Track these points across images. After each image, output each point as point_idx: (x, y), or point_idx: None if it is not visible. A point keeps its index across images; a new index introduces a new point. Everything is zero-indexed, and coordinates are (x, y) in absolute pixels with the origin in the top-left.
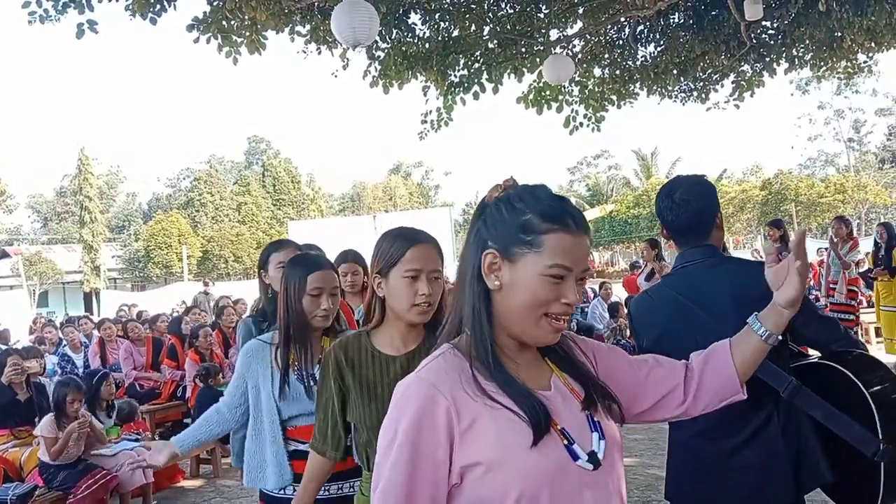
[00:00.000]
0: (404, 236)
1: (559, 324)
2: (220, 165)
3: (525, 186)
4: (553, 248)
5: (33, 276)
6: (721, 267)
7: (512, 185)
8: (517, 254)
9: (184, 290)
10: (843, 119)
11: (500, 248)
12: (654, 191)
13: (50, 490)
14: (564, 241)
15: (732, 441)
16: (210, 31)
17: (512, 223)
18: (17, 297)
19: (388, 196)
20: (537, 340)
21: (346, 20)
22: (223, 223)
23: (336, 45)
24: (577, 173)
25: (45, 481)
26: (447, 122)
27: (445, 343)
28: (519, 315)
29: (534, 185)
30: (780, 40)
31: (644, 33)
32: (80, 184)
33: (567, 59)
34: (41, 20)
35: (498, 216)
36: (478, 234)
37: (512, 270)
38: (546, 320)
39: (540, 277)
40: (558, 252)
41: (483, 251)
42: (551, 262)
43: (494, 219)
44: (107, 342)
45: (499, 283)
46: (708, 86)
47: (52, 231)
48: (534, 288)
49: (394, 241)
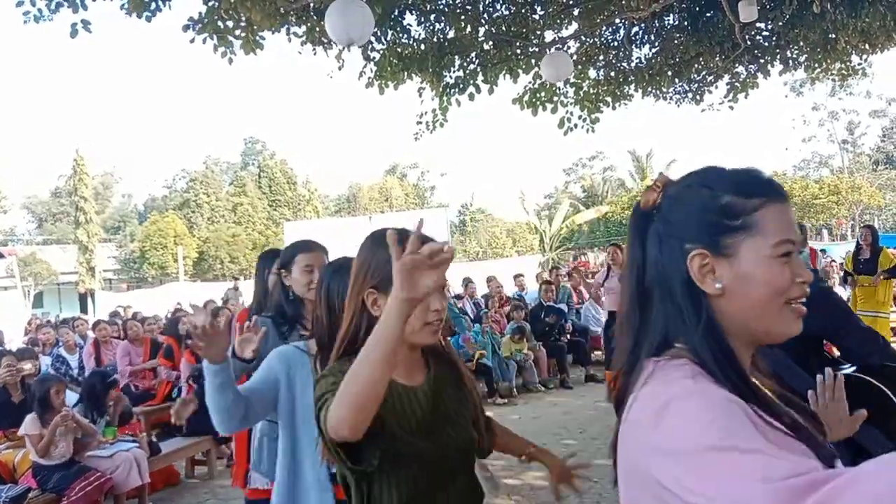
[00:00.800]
0: None
1: (800, 308)
2: (216, 166)
3: (693, 172)
4: (770, 223)
5: (28, 276)
6: None
7: (666, 181)
8: (730, 245)
9: (179, 291)
10: (838, 120)
11: (705, 245)
12: None
13: (44, 492)
14: (778, 211)
15: None
16: (206, 32)
17: (708, 212)
18: (11, 298)
19: (384, 197)
20: (785, 334)
21: (340, 19)
22: (219, 224)
23: (332, 45)
24: (572, 174)
25: (39, 483)
26: (442, 124)
27: (670, 364)
28: (759, 313)
29: (703, 168)
30: (775, 42)
31: (639, 35)
32: (75, 184)
33: (566, 57)
34: (35, 19)
35: (683, 210)
36: (661, 239)
37: (731, 266)
38: (787, 308)
39: (769, 261)
40: (777, 226)
41: (686, 255)
42: (776, 239)
43: (680, 214)
44: (101, 343)
45: (720, 286)
46: (702, 87)
47: (48, 232)
48: (767, 276)
49: None
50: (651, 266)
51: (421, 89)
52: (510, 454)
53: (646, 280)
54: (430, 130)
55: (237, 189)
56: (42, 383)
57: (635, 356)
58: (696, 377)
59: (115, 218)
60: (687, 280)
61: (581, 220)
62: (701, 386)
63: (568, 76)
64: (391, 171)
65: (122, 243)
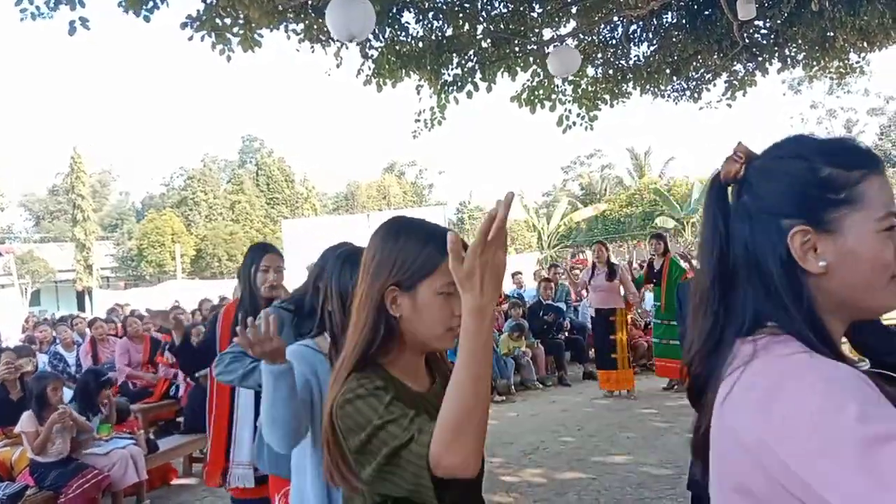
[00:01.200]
0: (436, 236)
1: None
2: (214, 164)
3: (782, 142)
4: (875, 195)
5: (25, 274)
6: None
7: (748, 152)
8: (834, 220)
9: (177, 288)
10: (836, 119)
11: (807, 221)
12: (646, 190)
13: (41, 489)
14: (880, 183)
15: None
16: (204, 29)
17: (808, 186)
18: (8, 296)
19: (382, 195)
20: (888, 308)
21: (341, 13)
22: (217, 222)
23: (329, 42)
24: (570, 172)
25: (36, 481)
26: (441, 122)
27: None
28: (864, 289)
29: (792, 137)
30: (773, 40)
31: (637, 33)
32: (72, 182)
33: (573, 51)
34: (32, 17)
35: (777, 184)
36: (750, 214)
37: (835, 242)
38: (893, 283)
39: (875, 236)
40: (883, 198)
41: (784, 232)
42: (881, 212)
43: (773, 188)
44: (99, 341)
45: (824, 264)
46: (700, 85)
47: (45, 230)
48: (875, 251)
49: (423, 243)
50: (737, 243)
51: (419, 87)
52: None
53: (730, 258)
54: (428, 128)
55: (235, 187)
56: (39, 381)
57: (718, 338)
58: (810, 352)
59: (112, 216)
60: (785, 258)
61: (579, 217)
62: (818, 361)
63: (575, 70)
64: (389, 169)
65: (119, 241)
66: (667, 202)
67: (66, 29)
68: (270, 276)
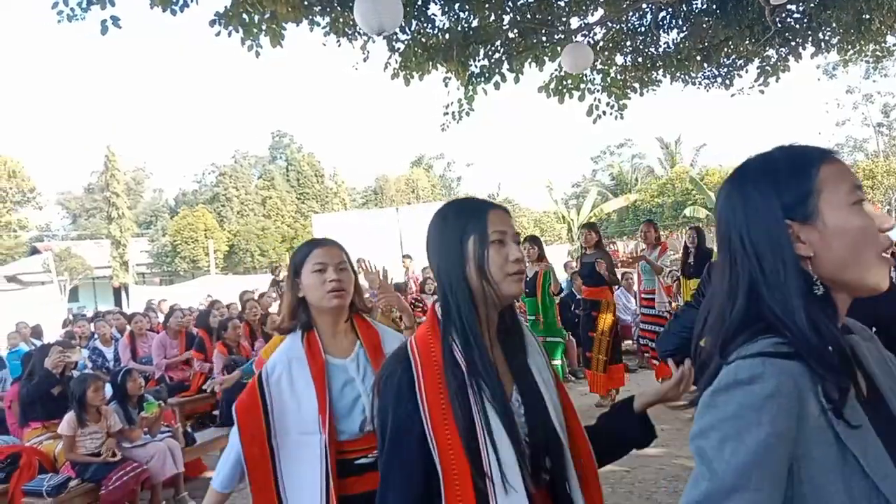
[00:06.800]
0: None
1: (890, 258)
2: (245, 160)
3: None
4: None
5: (63, 271)
6: None
7: None
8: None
9: (211, 284)
10: (872, 103)
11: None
12: (678, 179)
13: (83, 482)
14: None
15: None
16: (231, 25)
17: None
18: (48, 293)
19: (411, 188)
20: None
21: (370, 6)
22: (248, 217)
23: (356, 36)
24: (599, 162)
25: (77, 473)
26: (468, 113)
27: None
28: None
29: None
30: (806, 24)
31: (666, 19)
32: (107, 180)
33: (586, 48)
34: (68, 19)
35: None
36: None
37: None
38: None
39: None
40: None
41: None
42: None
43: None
44: (137, 336)
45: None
46: (732, 71)
47: (81, 227)
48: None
49: None
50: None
51: (446, 79)
52: None
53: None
54: (456, 121)
55: (266, 183)
56: (80, 383)
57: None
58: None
59: (146, 213)
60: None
61: (609, 208)
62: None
63: (587, 67)
64: (417, 162)
65: (154, 238)
66: (701, 191)
67: (99, 29)
68: None
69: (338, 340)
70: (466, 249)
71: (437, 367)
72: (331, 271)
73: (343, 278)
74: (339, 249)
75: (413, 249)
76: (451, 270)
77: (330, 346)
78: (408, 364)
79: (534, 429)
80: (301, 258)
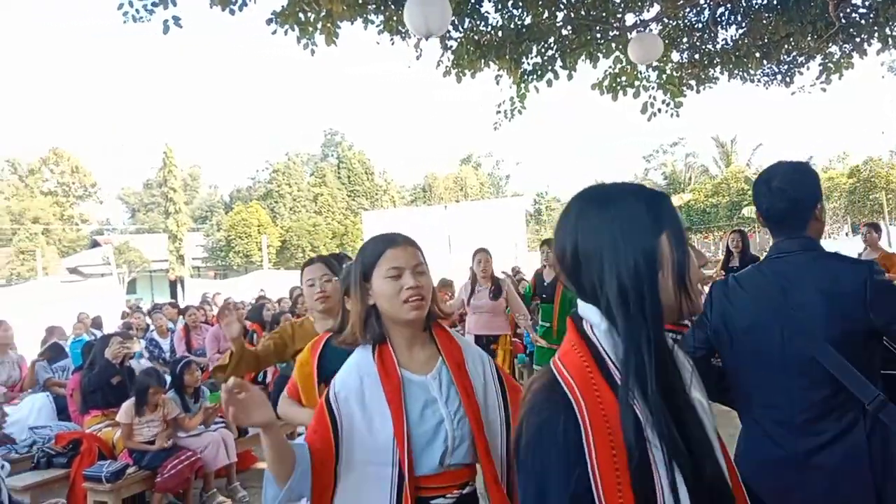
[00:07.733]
0: None
1: None
2: (298, 158)
3: None
4: None
5: (122, 264)
6: (818, 262)
7: None
8: None
9: (264, 278)
10: None
11: None
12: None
13: (140, 469)
14: None
15: (813, 440)
16: (287, 23)
17: None
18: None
19: (459, 186)
20: None
21: (419, 10)
22: (300, 214)
23: (409, 34)
24: (652, 161)
25: (135, 461)
26: (520, 111)
27: None
28: None
29: None
30: (872, 19)
31: (725, 15)
32: (165, 176)
33: (655, 38)
34: (133, 20)
35: None
36: None
37: None
38: None
39: None
40: None
41: None
42: None
43: None
44: (191, 328)
45: None
46: (793, 69)
47: (140, 221)
48: None
49: None
50: None
51: (498, 77)
52: None
53: None
54: (508, 119)
55: (317, 180)
56: (145, 377)
57: None
58: None
59: (202, 208)
60: None
61: None
62: None
63: (657, 58)
64: (466, 160)
65: (209, 232)
66: None
67: (161, 29)
68: None
69: (414, 354)
70: None
71: (606, 419)
72: (408, 276)
73: (422, 283)
74: (415, 248)
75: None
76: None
77: (405, 360)
78: (571, 413)
79: None
80: (372, 259)
